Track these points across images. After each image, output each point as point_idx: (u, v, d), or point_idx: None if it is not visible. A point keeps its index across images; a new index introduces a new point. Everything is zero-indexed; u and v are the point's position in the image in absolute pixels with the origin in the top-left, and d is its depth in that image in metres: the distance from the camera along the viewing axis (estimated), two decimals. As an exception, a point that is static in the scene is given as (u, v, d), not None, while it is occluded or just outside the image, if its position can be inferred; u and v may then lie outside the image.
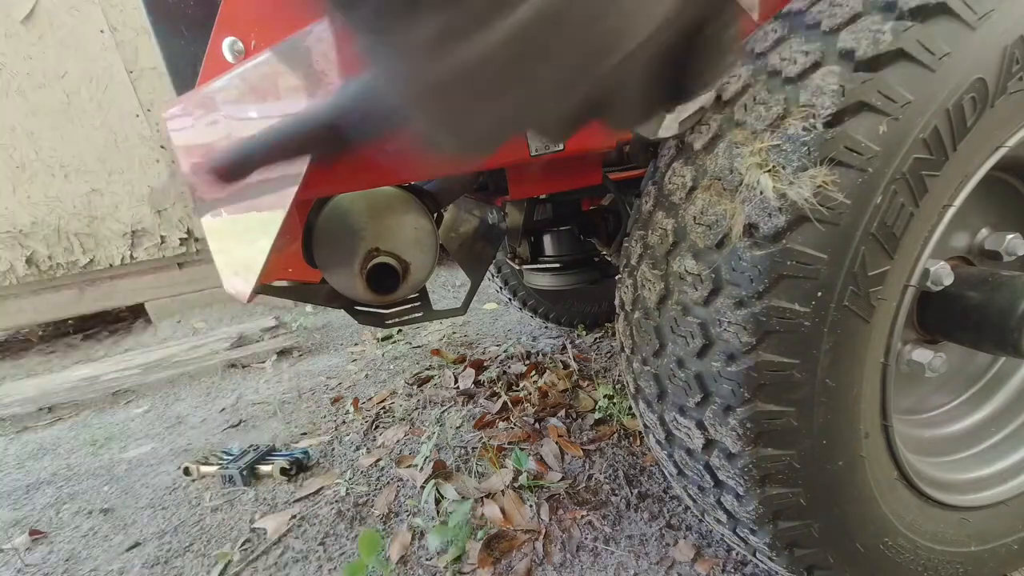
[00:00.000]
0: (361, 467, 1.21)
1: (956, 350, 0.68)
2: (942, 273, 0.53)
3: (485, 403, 1.40)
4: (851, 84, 0.44)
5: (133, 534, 1.11)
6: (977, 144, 0.48)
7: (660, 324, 0.55)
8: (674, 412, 0.57)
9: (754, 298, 0.46)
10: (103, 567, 1.03)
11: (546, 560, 0.88)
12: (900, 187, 0.45)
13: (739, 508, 0.56)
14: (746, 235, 0.46)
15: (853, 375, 0.50)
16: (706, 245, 0.49)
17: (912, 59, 0.44)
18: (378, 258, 0.75)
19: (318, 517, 1.06)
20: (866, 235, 0.45)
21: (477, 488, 1.07)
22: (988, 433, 0.72)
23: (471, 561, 0.88)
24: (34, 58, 2.32)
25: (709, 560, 0.83)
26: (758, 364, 0.47)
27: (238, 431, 1.51)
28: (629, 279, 0.60)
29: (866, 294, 0.47)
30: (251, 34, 0.53)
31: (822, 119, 0.44)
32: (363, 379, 1.71)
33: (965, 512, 0.64)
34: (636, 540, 0.89)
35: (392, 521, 1.03)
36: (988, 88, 0.46)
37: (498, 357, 1.67)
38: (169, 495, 1.23)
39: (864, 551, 0.57)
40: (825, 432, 0.51)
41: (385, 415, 1.43)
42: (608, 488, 1.02)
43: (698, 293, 0.50)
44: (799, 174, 0.44)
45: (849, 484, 0.54)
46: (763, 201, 0.45)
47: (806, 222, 0.44)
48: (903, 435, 0.61)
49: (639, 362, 0.60)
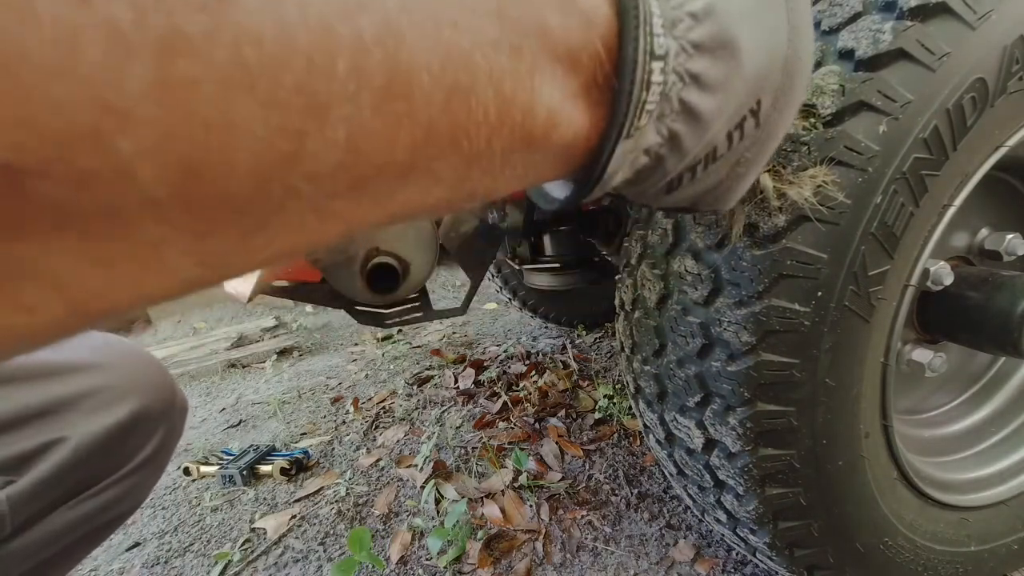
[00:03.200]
0: (361, 467, 1.21)
1: (956, 350, 0.68)
2: (942, 273, 0.53)
3: (485, 403, 1.40)
4: (851, 84, 0.44)
5: (133, 534, 1.11)
6: (977, 144, 0.48)
7: (660, 324, 0.55)
8: (674, 412, 0.57)
9: (754, 298, 0.46)
10: (103, 567, 1.03)
11: (546, 560, 0.88)
12: (900, 187, 0.45)
13: (739, 508, 0.56)
14: (746, 235, 0.46)
15: (853, 375, 0.50)
16: (706, 245, 0.49)
17: (912, 59, 0.44)
18: (378, 258, 0.75)
19: (318, 517, 1.06)
20: (866, 235, 0.45)
21: (477, 488, 1.06)
22: (988, 433, 0.72)
23: (471, 561, 0.88)
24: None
25: (709, 560, 0.83)
26: (758, 364, 0.47)
27: (238, 431, 1.51)
28: (629, 279, 0.60)
29: (866, 294, 0.47)
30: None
31: (822, 119, 0.44)
32: (363, 379, 1.71)
33: (965, 512, 0.64)
34: (636, 540, 0.89)
35: (392, 521, 1.03)
36: (988, 88, 0.46)
37: (498, 357, 1.67)
38: (169, 495, 1.23)
39: (864, 551, 0.57)
40: (825, 432, 0.51)
41: (385, 415, 1.43)
42: (608, 488, 1.02)
43: (698, 293, 0.50)
44: (799, 174, 0.44)
45: (849, 484, 0.54)
46: (763, 201, 0.45)
47: (806, 222, 0.44)
48: (903, 435, 0.61)
49: (639, 362, 0.60)
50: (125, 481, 0.55)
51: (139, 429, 0.55)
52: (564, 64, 0.22)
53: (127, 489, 0.55)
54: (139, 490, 0.58)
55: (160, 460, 0.59)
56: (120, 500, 0.55)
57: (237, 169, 0.14)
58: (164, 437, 0.59)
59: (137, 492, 0.57)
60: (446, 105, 0.18)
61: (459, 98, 0.18)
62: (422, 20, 0.16)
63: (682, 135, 0.26)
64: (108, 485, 0.54)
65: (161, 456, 0.59)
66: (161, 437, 0.58)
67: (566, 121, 0.22)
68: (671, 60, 0.24)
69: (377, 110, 0.16)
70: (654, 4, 0.24)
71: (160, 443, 0.58)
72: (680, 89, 0.24)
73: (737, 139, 0.28)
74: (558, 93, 0.22)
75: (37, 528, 0.48)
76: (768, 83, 0.28)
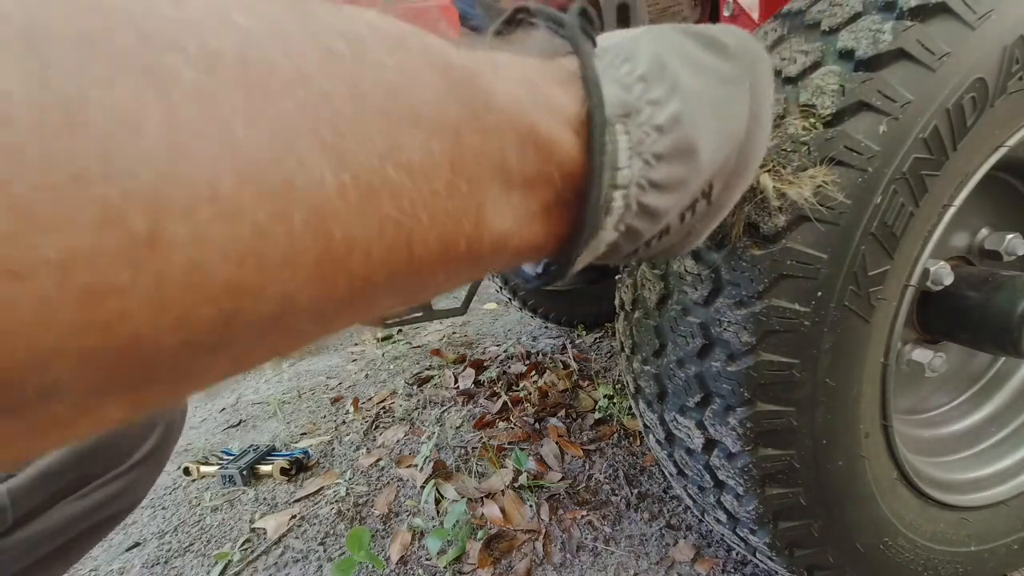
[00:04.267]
0: (361, 467, 1.21)
1: (956, 350, 0.68)
2: (942, 273, 0.53)
3: (485, 403, 1.40)
4: (851, 84, 0.44)
5: (133, 534, 1.11)
6: (977, 144, 0.48)
7: (660, 324, 0.55)
8: (674, 412, 0.57)
9: (754, 298, 0.46)
10: (103, 567, 1.03)
11: (546, 560, 0.88)
12: (900, 187, 0.45)
13: (739, 508, 0.56)
14: (746, 235, 0.46)
15: (853, 375, 0.50)
16: (706, 245, 0.49)
17: (912, 59, 0.44)
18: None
19: (318, 517, 1.06)
20: (866, 235, 0.45)
21: (477, 488, 1.06)
22: (988, 433, 0.72)
23: (471, 561, 0.88)
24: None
25: (709, 560, 0.83)
26: (758, 364, 0.47)
27: (238, 431, 1.51)
28: (629, 279, 0.60)
29: (866, 294, 0.47)
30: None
31: (822, 119, 0.44)
32: (363, 379, 1.70)
33: (965, 512, 0.64)
34: (636, 540, 0.89)
35: (392, 521, 1.03)
36: (988, 88, 0.46)
37: (498, 357, 1.67)
38: (169, 495, 1.23)
39: (864, 551, 0.57)
40: (825, 432, 0.51)
41: (385, 415, 1.43)
42: (608, 488, 1.02)
43: (698, 293, 0.50)
44: (799, 174, 0.44)
45: (849, 484, 0.54)
46: (763, 201, 0.45)
47: (806, 222, 0.44)
48: (903, 435, 0.61)
49: (639, 362, 0.60)
50: (125, 477, 0.55)
51: (138, 425, 0.55)
52: (522, 192, 0.22)
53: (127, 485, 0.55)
54: (139, 486, 0.58)
55: (160, 457, 0.59)
56: (120, 496, 0.55)
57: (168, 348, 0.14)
58: (164, 433, 0.59)
59: (137, 488, 0.58)
60: (386, 260, 0.17)
61: (399, 253, 0.18)
62: (358, 200, 0.16)
63: (639, 228, 0.27)
64: (108, 480, 0.54)
65: (161, 453, 0.59)
66: (161, 433, 0.58)
67: (520, 239, 0.23)
68: (634, 180, 0.25)
69: (309, 280, 0.15)
70: (621, 129, 0.25)
71: (160, 439, 0.58)
72: (640, 195, 0.26)
73: (689, 217, 0.30)
74: (512, 218, 0.22)
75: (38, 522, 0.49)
76: (722, 169, 0.29)
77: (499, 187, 0.21)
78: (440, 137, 0.18)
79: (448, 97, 0.19)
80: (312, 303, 0.16)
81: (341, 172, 0.15)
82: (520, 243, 0.23)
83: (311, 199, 0.15)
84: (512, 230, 0.22)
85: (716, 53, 0.29)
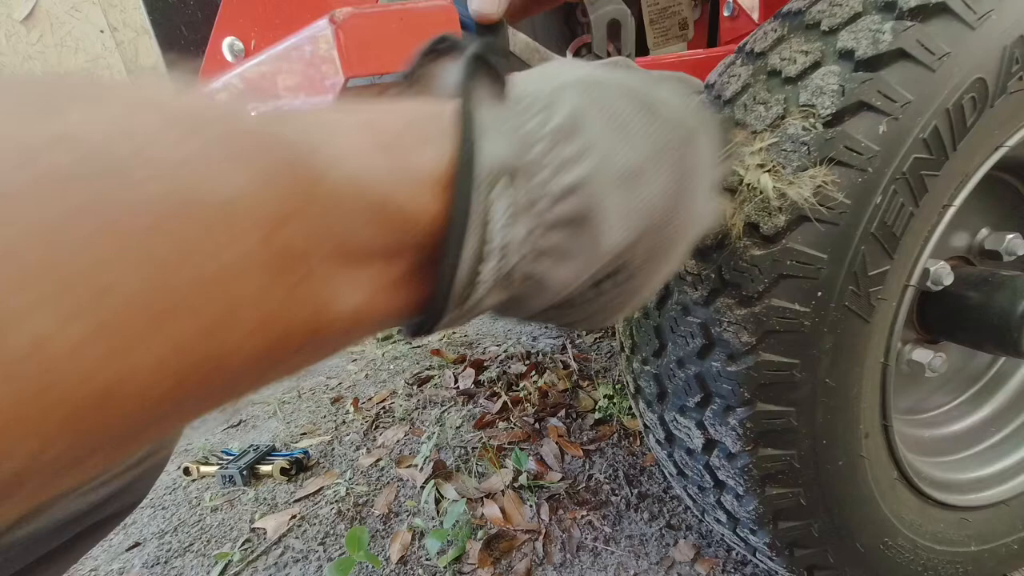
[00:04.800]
0: (361, 467, 1.21)
1: (956, 350, 0.68)
2: (942, 273, 0.53)
3: (485, 403, 1.40)
4: (851, 84, 0.44)
5: (133, 534, 1.11)
6: (977, 144, 0.48)
7: (660, 324, 0.55)
8: (674, 412, 0.57)
9: (754, 298, 0.46)
10: (103, 567, 1.03)
11: (546, 560, 0.88)
12: (900, 187, 0.45)
13: (739, 508, 0.56)
14: (746, 235, 0.46)
15: (853, 375, 0.50)
16: (706, 245, 0.49)
17: (912, 59, 0.44)
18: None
19: (318, 517, 1.06)
20: (866, 235, 0.45)
21: (477, 488, 1.06)
22: (988, 433, 0.72)
23: (471, 561, 0.88)
24: (34, 58, 2.32)
25: (709, 560, 0.83)
26: (758, 364, 0.47)
27: (238, 431, 1.51)
28: (629, 279, 0.60)
29: (866, 294, 0.47)
30: (251, 34, 0.53)
31: (822, 119, 0.44)
32: (363, 379, 1.70)
33: (965, 512, 0.64)
34: (636, 540, 0.89)
35: (392, 521, 1.03)
36: (988, 88, 0.46)
37: (498, 357, 1.67)
38: (169, 495, 1.23)
39: (864, 551, 0.57)
40: (825, 432, 0.51)
41: (385, 415, 1.43)
42: (608, 488, 1.02)
43: (698, 293, 0.50)
44: (799, 174, 0.44)
45: (849, 484, 0.54)
46: (763, 201, 0.45)
47: (806, 222, 0.44)
48: (903, 435, 0.61)
49: (639, 362, 0.60)
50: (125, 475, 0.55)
51: None
52: (378, 264, 0.21)
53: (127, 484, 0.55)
54: (139, 486, 0.58)
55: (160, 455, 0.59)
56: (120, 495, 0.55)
57: None
58: None
59: (137, 488, 0.57)
60: (180, 384, 0.15)
61: (203, 371, 0.16)
62: (108, 348, 0.13)
63: (528, 296, 0.26)
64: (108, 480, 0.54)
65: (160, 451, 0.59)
66: None
67: (384, 307, 0.22)
68: (513, 246, 0.23)
69: (60, 435, 0.14)
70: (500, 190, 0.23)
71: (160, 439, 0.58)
72: (524, 263, 0.24)
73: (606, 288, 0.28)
74: (367, 292, 0.21)
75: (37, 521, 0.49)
76: (638, 246, 0.27)
77: (343, 266, 0.20)
78: (247, 236, 0.16)
79: (262, 188, 0.16)
80: (68, 451, 0.14)
81: (73, 321, 0.12)
82: (385, 310, 0.22)
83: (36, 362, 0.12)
84: (367, 303, 0.21)
85: (650, 120, 0.26)
